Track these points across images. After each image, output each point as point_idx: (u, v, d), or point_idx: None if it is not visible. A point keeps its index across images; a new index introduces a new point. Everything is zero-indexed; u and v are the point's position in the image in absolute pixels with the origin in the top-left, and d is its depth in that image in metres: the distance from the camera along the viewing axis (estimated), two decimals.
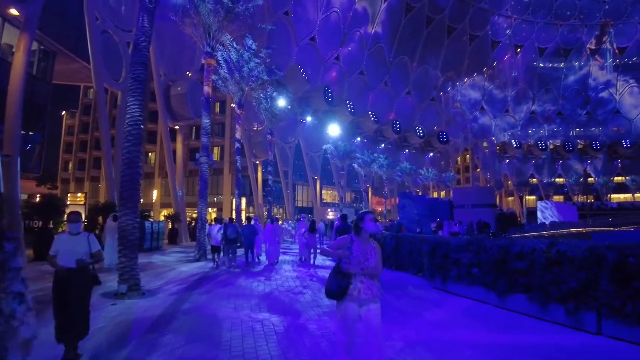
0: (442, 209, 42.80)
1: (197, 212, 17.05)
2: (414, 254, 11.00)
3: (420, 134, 70.25)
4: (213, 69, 19.62)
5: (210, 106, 17.64)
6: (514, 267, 6.72)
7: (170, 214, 29.63)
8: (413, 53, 69.69)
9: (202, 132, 16.64)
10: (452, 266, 8.31)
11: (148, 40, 9.15)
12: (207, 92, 16.80)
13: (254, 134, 44.36)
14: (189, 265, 14.42)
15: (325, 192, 63.45)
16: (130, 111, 8.96)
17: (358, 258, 3.58)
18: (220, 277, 11.48)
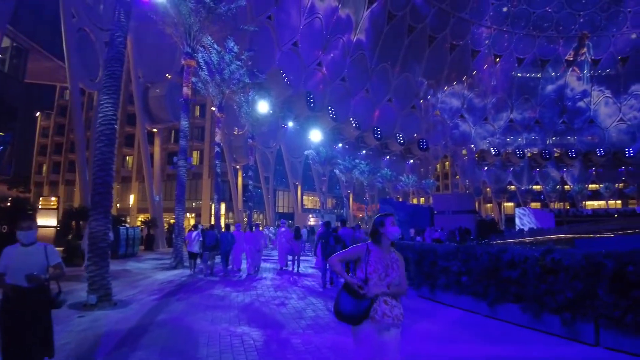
0: (422, 215, 42.91)
1: (174, 217, 16.41)
2: None
3: (400, 141, 70.73)
4: (193, 71, 19.12)
5: (190, 109, 17.12)
6: (505, 275, 6.48)
7: (147, 219, 28.79)
8: (394, 61, 70.22)
9: (181, 134, 16.08)
10: (441, 274, 8.04)
11: (124, 35, 8.66)
12: (186, 93, 16.28)
13: (235, 138, 43.71)
14: (165, 273, 13.81)
15: (307, 198, 63.06)
16: (103, 110, 8.43)
17: (378, 272, 2.92)
18: (198, 286, 10.93)
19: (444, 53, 76.41)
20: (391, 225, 3.02)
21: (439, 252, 8.00)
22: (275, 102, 38.28)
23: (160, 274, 13.57)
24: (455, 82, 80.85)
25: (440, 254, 7.98)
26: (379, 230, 3.03)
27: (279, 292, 9.90)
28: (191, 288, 10.57)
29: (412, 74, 73.68)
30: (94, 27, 23.56)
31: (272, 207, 51.93)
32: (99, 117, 8.48)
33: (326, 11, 56.58)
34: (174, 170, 17.84)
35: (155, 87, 28.99)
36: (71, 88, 22.54)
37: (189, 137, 27.64)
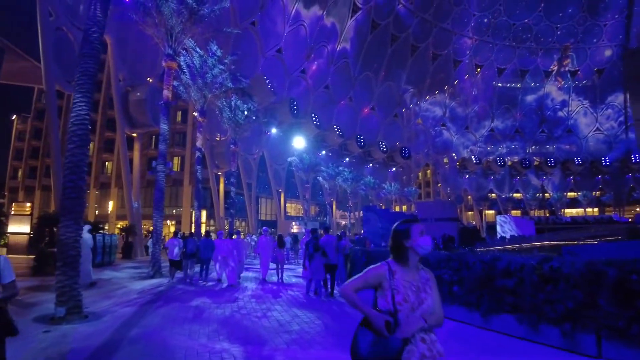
0: None
1: (153, 224, 15.81)
2: None
3: (383, 149, 71.00)
4: (175, 74, 18.63)
5: (170, 112, 16.60)
6: (500, 284, 6.21)
7: (125, 226, 27.90)
8: (378, 69, 70.64)
9: (160, 138, 15.54)
10: None
11: (100, 31, 8.19)
12: (167, 96, 15.78)
13: (217, 144, 43.06)
14: (142, 283, 13.19)
15: (290, 206, 62.56)
16: (76, 109, 7.91)
17: (409, 301, 2.17)
18: (176, 297, 10.38)
19: (426, 62, 77.32)
20: (420, 236, 2.27)
21: (429, 260, 7.69)
22: (259, 108, 37.91)
23: (137, 284, 12.96)
24: (437, 91, 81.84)
25: (431, 262, 7.67)
26: (404, 243, 2.27)
27: (262, 303, 9.44)
28: (169, 299, 10.03)
29: (395, 83, 74.25)
30: (73, 27, 22.85)
31: (255, 215, 51.23)
32: (71, 116, 7.95)
33: (310, 19, 56.59)
34: (154, 176, 17.19)
35: (135, 91, 28.29)
36: (47, 89, 21.72)
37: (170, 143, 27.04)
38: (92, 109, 8.21)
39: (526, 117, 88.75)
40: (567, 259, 5.49)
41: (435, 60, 78.46)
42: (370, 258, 11.44)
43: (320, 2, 56.77)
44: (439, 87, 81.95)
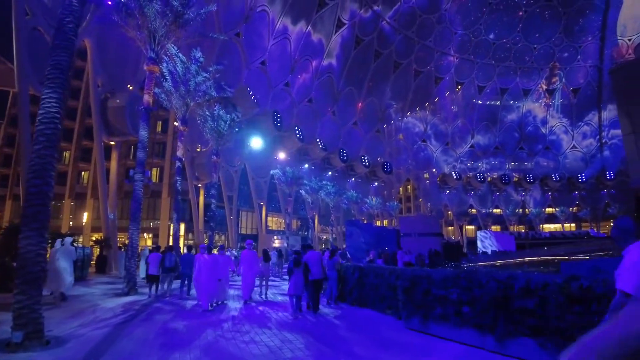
0: (389, 237, 42.44)
1: (128, 237, 14.78)
2: (382, 288, 9.68)
3: (366, 163, 70.94)
4: (156, 81, 17.83)
5: (150, 121, 15.74)
6: (518, 305, 5.60)
7: (100, 238, 26.54)
8: (361, 84, 70.94)
9: (139, 146, 14.62)
10: (436, 304, 7.08)
11: (76, 22, 7.42)
12: (147, 101, 14.93)
13: (197, 155, 41.98)
14: (116, 301, 12.14)
15: (271, 219, 61.47)
16: (45, 106, 7.07)
17: None
18: (152, 317, 9.40)
19: (408, 79, 78.15)
20: None
21: (435, 279, 7.06)
22: (242, 119, 37.18)
23: (110, 302, 11.92)
24: (418, 108, 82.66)
25: (437, 280, 7.04)
26: None
27: (248, 325, 8.60)
28: (145, 319, 9.07)
29: (377, 98, 74.68)
30: (50, 28, 21.76)
31: (235, 228, 50.01)
32: (39, 114, 7.09)
33: (296, 33, 56.54)
34: (131, 186, 16.19)
35: (115, 97, 27.14)
36: (20, 91, 20.51)
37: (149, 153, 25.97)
38: (65, 109, 7.37)
39: (505, 134, 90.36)
40: (599, 277, 4.93)
41: (418, 76, 79.42)
42: (363, 274, 10.75)
43: (306, 17, 56.86)
44: (421, 104, 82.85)
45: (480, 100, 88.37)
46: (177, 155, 21.89)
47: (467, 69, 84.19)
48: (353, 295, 11.01)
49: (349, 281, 11.31)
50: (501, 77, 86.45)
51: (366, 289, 10.49)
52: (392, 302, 9.12)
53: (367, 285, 10.41)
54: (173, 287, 14.10)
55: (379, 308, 9.82)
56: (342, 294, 11.56)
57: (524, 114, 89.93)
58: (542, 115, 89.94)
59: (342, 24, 62.91)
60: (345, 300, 11.51)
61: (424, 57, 77.16)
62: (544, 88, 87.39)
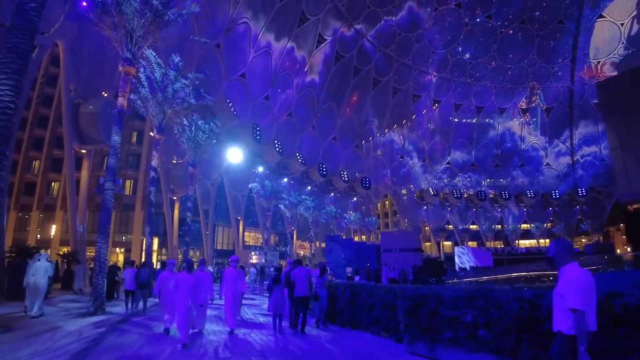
0: (369, 253, 41.92)
1: (95, 250, 13.56)
2: (377, 309, 8.87)
3: (345, 178, 70.60)
4: (132, 84, 16.84)
5: (125, 131, 14.70)
6: (548, 327, 4.91)
7: (67, 252, 24.84)
8: (340, 100, 71.03)
9: (111, 151, 13.53)
10: (445, 326, 6.32)
11: (39, 2, 6.52)
12: (122, 104, 13.92)
13: (173, 167, 40.60)
14: (79, 322, 10.90)
15: (248, 234, 60.06)
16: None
17: None
18: (119, 344, 8.21)
19: (387, 96, 78.81)
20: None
21: (445, 299, 6.32)
22: (221, 131, 36.21)
23: (73, 323, 10.67)
24: (396, 125, 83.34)
25: (447, 300, 6.30)
26: None
27: (232, 354, 7.61)
28: (109, 348, 7.88)
29: (356, 114, 74.90)
30: None
31: (211, 244, 48.44)
32: None
33: (276, 46, 56.25)
34: (99, 193, 14.98)
35: (87, 103, 25.73)
36: None
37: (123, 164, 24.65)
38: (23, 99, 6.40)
39: (482, 151, 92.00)
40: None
41: (396, 94, 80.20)
42: (355, 293, 9.93)
43: (287, 31, 56.70)
44: (399, 120, 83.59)
45: (457, 118, 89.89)
46: (152, 165, 20.72)
47: (445, 87, 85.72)
48: (344, 315, 10.15)
49: (339, 301, 10.46)
50: (477, 95, 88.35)
51: (358, 309, 9.65)
52: (388, 323, 8.33)
53: (360, 305, 9.58)
54: (150, 305, 13.33)
55: (373, 330, 8.99)
56: (332, 314, 10.68)
57: (500, 132, 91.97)
58: (517, 133, 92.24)
59: (323, 40, 63.05)
60: (335, 321, 10.64)
61: (402, 74, 78.12)
62: (522, 107, 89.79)
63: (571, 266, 3.58)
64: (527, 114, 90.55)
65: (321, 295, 10.33)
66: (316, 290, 10.36)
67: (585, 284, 3.47)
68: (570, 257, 3.65)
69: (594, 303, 3.55)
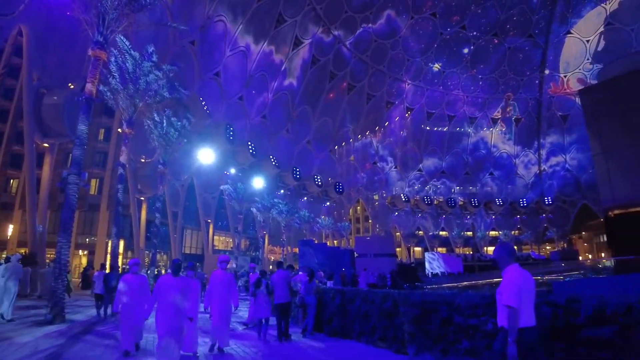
0: (343, 258, 41.31)
1: (56, 251, 12.27)
2: (373, 317, 8.16)
3: (318, 182, 70.00)
4: (102, 76, 15.65)
5: (92, 114, 13.49)
6: (587, 335, 4.36)
7: (24, 253, 22.94)
8: (315, 104, 70.55)
9: (76, 142, 12.29)
10: (461, 336, 5.69)
11: None
12: (90, 91, 12.73)
13: (141, 166, 38.83)
14: (34, 332, 9.64)
15: (217, 238, 58.34)
16: None
17: None
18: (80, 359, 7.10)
19: (361, 102, 78.92)
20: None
21: (460, 305, 5.68)
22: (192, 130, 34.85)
23: (27, 334, 9.41)
24: (369, 131, 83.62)
25: (462, 307, 5.66)
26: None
27: None
28: None
29: (330, 119, 74.57)
30: None
31: (179, 247, 46.64)
32: None
33: (252, 46, 55.22)
34: (63, 191, 13.65)
35: (51, 94, 23.84)
36: None
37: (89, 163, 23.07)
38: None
39: (452, 159, 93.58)
40: None
41: (370, 100, 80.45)
42: (346, 300, 9.19)
43: (264, 32, 55.79)
44: (372, 127, 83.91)
45: (429, 126, 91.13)
46: (120, 161, 19.39)
47: (418, 95, 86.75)
48: (333, 324, 9.37)
49: (327, 307, 9.70)
50: (449, 104, 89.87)
51: (350, 317, 8.89)
52: (386, 332, 7.64)
53: (352, 313, 8.83)
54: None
55: (368, 340, 8.26)
56: (318, 322, 9.89)
57: (470, 141, 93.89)
58: (487, 143, 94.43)
59: (299, 43, 62.48)
60: (322, 330, 9.85)
61: (376, 81, 78.50)
62: (495, 117, 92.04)
63: (512, 267, 3.89)
64: (498, 123, 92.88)
65: (309, 303, 9.56)
66: (303, 298, 9.59)
67: (521, 284, 3.75)
68: (511, 260, 3.95)
69: (531, 301, 3.83)
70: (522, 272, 3.85)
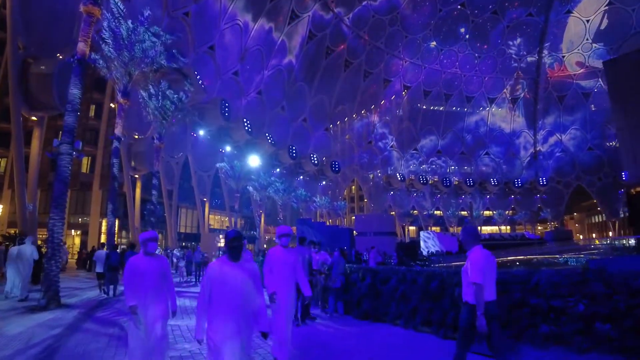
0: (342, 236, 40.62)
1: (48, 228, 11.17)
2: (415, 298, 7.25)
3: (315, 161, 68.89)
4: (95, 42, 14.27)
5: (85, 78, 12.18)
6: None
7: (13, 233, 21.77)
8: (311, 81, 68.78)
9: (68, 107, 10.99)
10: (538, 319, 4.80)
11: None
12: (83, 51, 11.39)
13: (135, 142, 37.38)
14: (26, 321, 8.52)
15: (212, 217, 57.44)
16: None
17: None
18: (85, 354, 5.98)
19: (358, 79, 77.18)
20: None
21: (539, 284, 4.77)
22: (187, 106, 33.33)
23: (18, 322, 8.32)
24: (364, 110, 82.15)
25: (542, 286, 4.75)
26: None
27: None
28: None
29: (327, 96, 72.92)
30: None
31: (175, 226, 45.61)
32: None
33: (246, 20, 53.09)
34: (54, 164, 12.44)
35: (39, 63, 22.18)
36: None
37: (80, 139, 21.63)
38: None
39: (448, 139, 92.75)
40: None
41: (367, 77, 78.72)
42: (378, 280, 8.27)
43: (259, 5, 53.60)
44: (369, 104, 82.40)
45: (425, 105, 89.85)
46: (115, 134, 18.12)
47: (415, 73, 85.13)
48: (363, 306, 8.46)
49: (355, 288, 8.78)
50: (446, 83, 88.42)
51: (384, 299, 7.99)
52: (431, 315, 6.76)
53: (386, 294, 7.93)
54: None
55: (406, 324, 7.37)
56: (345, 304, 9.00)
57: (467, 120, 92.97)
58: (484, 122, 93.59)
59: (296, 16, 60.35)
60: (350, 313, 8.96)
61: (373, 58, 76.63)
62: (505, 95, 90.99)
63: (476, 248, 4.24)
64: (493, 103, 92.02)
65: (334, 286, 8.68)
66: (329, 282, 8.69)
67: (484, 263, 4.10)
68: (475, 242, 4.30)
69: (493, 278, 4.17)
70: (485, 252, 4.20)
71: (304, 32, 63.33)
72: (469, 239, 4.32)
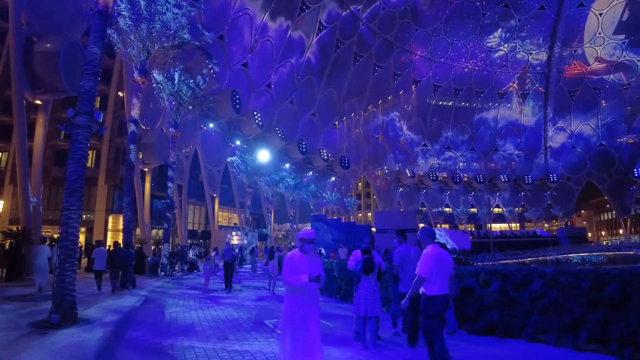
0: (360, 233, 38.59)
1: (61, 222, 9.05)
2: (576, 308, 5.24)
3: (324, 156, 66.95)
4: None
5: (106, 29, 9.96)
6: None
7: (15, 230, 19.75)
8: (320, 74, 66.78)
9: (86, 69, 8.67)
10: None
11: None
12: (105, 2, 9.33)
13: (144, 133, 35.16)
14: (35, 349, 6.19)
15: (220, 214, 55.41)
16: None
17: None
18: None
19: (367, 73, 75.12)
20: None
21: None
22: None
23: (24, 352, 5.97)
24: (371, 105, 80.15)
25: None
26: None
27: None
28: None
29: (336, 90, 70.90)
30: None
31: (184, 223, 43.63)
32: None
33: (255, 12, 51.01)
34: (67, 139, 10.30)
35: (44, 41, 19.94)
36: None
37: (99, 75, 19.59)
38: None
39: (458, 134, 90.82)
40: None
41: (376, 71, 76.66)
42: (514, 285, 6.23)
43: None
44: (378, 99, 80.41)
45: (435, 100, 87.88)
46: (132, 116, 16.08)
47: (425, 67, 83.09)
48: (485, 318, 6.45)
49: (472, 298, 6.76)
50: (456, 77, 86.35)
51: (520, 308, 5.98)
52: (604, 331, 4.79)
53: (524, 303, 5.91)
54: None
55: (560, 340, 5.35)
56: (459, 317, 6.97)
57: (477, 116, 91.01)
58: (493, 117, 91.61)
59: (306, 6, 58.31)
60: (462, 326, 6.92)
61: (383, 51, 74.53)
62: (512, 88, 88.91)
63: (430, 246, 4.78)
64: (503, 98, 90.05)
65: None
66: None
67: (433, 260, 4.60)
68: (431, 240, 4.89)
69: (445, 274, 4.69)
70: (438, 250, 4.76)
71: (315, 24, 61.35)
72: (425, 238, 4.93)
